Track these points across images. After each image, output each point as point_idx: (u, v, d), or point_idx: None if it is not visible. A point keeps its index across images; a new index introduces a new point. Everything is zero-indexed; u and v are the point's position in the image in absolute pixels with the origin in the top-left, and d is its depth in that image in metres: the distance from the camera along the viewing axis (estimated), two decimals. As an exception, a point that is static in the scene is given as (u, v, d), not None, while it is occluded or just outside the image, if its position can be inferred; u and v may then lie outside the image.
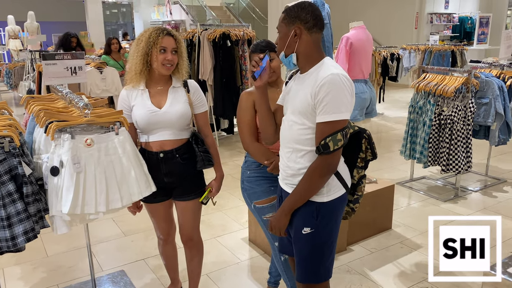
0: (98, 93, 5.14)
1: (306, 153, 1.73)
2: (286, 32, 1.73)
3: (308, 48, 1.72)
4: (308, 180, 1.71)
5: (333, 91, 1.60)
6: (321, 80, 1.62)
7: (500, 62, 5.23)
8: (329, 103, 1.61)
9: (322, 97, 1.61)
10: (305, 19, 1.69)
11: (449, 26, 13.04)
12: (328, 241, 1.81)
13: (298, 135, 1.74)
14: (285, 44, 1.73)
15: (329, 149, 1.63)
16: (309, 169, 1.71)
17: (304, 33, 1.70)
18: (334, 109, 1.61)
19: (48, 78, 3.06)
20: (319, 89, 1.62)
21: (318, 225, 1.76)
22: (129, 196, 2.09)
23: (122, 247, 3.37)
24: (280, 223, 1.81)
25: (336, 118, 1.62)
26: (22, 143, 1.99)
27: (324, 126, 1.64)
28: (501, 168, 5.16)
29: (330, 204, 1.76)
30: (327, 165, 1.68)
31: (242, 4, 14.24)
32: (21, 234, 1.91)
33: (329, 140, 1.62)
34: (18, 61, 9.43)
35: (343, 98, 1.62)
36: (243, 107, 2.21)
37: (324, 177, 1.70)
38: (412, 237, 3.45)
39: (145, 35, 2.09)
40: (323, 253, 1.80)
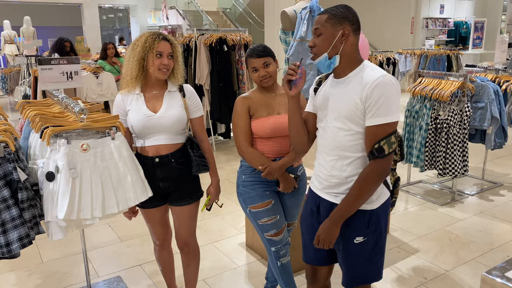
0: (94, 98, 5.13)
1: (354, 159, 1.69)
2: (332, 33, 1.66)
3: (352, 51, 1.69)
4: (362, 186, 1.66)
5: (386, 92, 1.58)
6: (372, 82, 1.59)
7: (495, 67, 5.26)
8: (382, 105, 1.57)
9: (376, 99, 1.58)
10: (353, 20, 1.67)
11: (444, 31, 13.12)
12: (379, 245, 1.79)
13: (345, 142, 1.69)
14: (330, 45, 1.66)
15: (384, 153, 1.60)
16: (362, 175, 1.66)
17: (351, 34, 1.67)
18: (388, 111, 1.58)
19: (43, 83, 3.06)
20: (371, 91, 1.58)
21: (370, 233, 1.74)
22: (125, 201, 2.08)
23: (118, 253, 3.34)
24: (330, 235, 1.73)
25: (390, 120, 1.59)
26: (17, 148, 1.97)
27: (377, 129, 1.60)
28: (497, 172, 5.18)
29: (379, 210, 1.74)
30: (382, 169, 1.64)
31: (238, 9, 14.27)
32: (16, 240, 1.89)
33: (383, 143, 1.59)
34: (14, 66, 9.42)
35: (395, 100, 1.60)
36: (238, 112, 2.21)
37: (378, 183, 1.66)
38: (409, 241, 3.44)
39: (141, 40, 2.08)
40: (374, 258, 1.79)
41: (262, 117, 2.19)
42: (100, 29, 14.49)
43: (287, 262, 2.32)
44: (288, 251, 2.33)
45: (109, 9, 17.33)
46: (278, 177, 2.18)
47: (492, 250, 3.29)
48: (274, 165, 2.15)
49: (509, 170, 5.27)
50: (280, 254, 2.28)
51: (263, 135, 2.19)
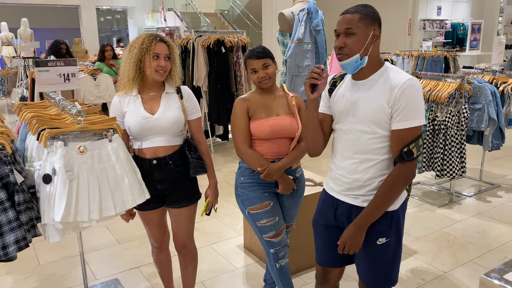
0: (91, 99, 5.12)
1: (377, 162, 1.69)
2: (365, 33, 1.63)
3: (378, 52, 1.70)
4: (390, 191, 1.66)
5: (415, 96, 1.58)
6: (401, 85, 1.58)
7: (492, 68, 5.28)
8: (411, 108, 1.57)
9: (405, 103, 1.57)
10: (380, 22, 1.67)
11: (441, 33, 13.15)
12: (400, 245, 1.81)
13: (369, 145, 1.68)
14: (363, 46, 1.63)
15: (413, 156, 1.60)
16: (389, 180, 1.66)
17: (379, 36, 1.67)
18: (416, 115, 1.59)
19: (41, 85, 3.05)
20: (400, 95, 1.58)
21: (392, 234, 1.75)
22: (122, 204, 2.07)
23: (116, 255, 3.33)
24: (356, 239, 1.72)
25: (418, 124, 1.60)
26: (14, 151, 1.96)
27: (405, 133, 1.60)
28: (494, 173, 5.19)
29: (399, 210, 1.75)
30: (410, 172, 1.64)
31: (236, 11, 14.29)
32: (13, 243, 1.88)
33: (412, 146, 1.59)
34: (11, 68, 9.39)
35: (421, 103, 1.61)
36: (237, 114, 2.20)
37: (405, 186, 1.68)
38: (408, 243, 3.44)
39: (138, 42, 2.08)
40: (396, 258, 1.82)
41: (261, 118, 2.18)
42: (97, 31, 14.48)
43: (285, 264, 2.32)
44: (287, 253, 2.33)
45: (106, 11, 17.34)
46: (277, 178, 2.18)
47: (490, 251, 3.30)
48: (273, 166, 2.15)
49: (507, 171, 5.28)
50: (279, 256, 2.27)
51: (262, 136, 2.18)
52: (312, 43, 3.91)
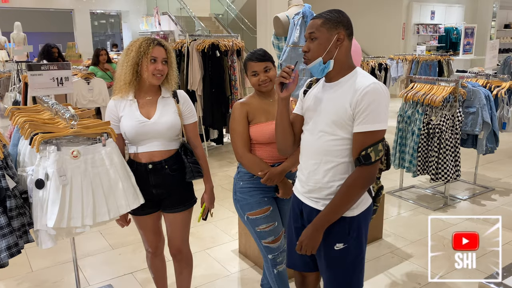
0: (85, 104, 5.08)
1: (337, 165, 1.68)
2: (327, 37, 1.65)
3: (346, 55, 1.69)
4: (348, 193, 1.65)
5: (377, 100, 1.58)
6: (363, 88, 1.59)
7: (486, 72, 5.30)
8: (371, 112, 1.57)
9: (365, 106, 1.57)
10: (347, 25, 1.67)
11: (435, 37, 13.25)
12: (360, 253, 1.77)
13: (329, 146, 1.68)
14: (325, 50, 1.65)
15: (370, 160, 1.59)
16: (347, 182, 1.65)
17: (345, 39, 1.67)
18: (377, 119, 1.58)
19: (34, 89, 3.02)
20: (362, 98, 1.58)
21: (351, 240, 1.72)
22: (116, 209, 2.05)
23: (110, 261, 3.30)
24: (313, 241, 1.72)
25: (378, 128, 1.59)
26: (6, 156, 1.94)
27: (365, 136, 1.60)
28: (489, 177, 5.21)
29: (360, 217, 1.72)
30: (368, 176, 1.63)
31: (231, 15, 14.30)
32: (4, 249, 1.85)
33: (370, 150, 1.59)
34: (4, 72, 9.31)
35: (384, 108, 1.60)
36: (236, 118, 2.18)
37: (363, 190, 1.66)
38: (402, 247, 3.44)
39: (135, 45, 2.06)
40: (355, 266, 1.77)
41: (261, 122, 2.17)
42: (91, 34, 14.43)
43: (283, 269, 2.30)
44: (285, 259, 2.31)
45: (100, 15, 17.28)
46: (278, 182, 2.16)
47: (485, 255, 3.30)
48: (274, 170, 2.14)
49: (501, 174, 5.30)
50: (277, 262, 2.26)
51: (262, 140, 2.17)
52: (307, 47, 3.91)
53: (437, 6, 13.04)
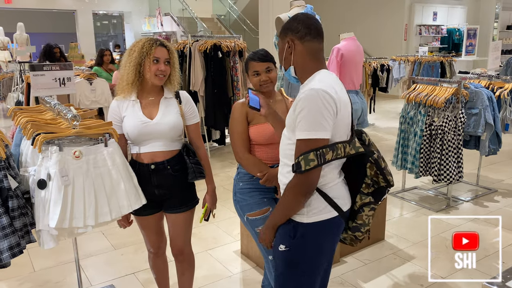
0: (87, 104, 5.09)
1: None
2: (282, 46, 1.70)
3: (303, 59, 1.67)
4: (285, 197, 1.64)
5: (308, 107, 1.51)
6: (300, 94, 1.57)
7: (488, 73, 5.29)
8: (303, 120, 1.52)
9: (298, 113, 1.54)
10: (296, 29, 1.65)
11: (437, 38, 13.22)
12: (304, 263, 1.69)
13: (286, 150, 1.68)
14: (282, 58, 1.71)
15: (300, 169, 1.52)
16: (286, 186, 1.64)
17: (297, 43, 1.66)
18: (307, 127, 1.52)
19: (36, 89, 3.03)
20: (296, 104, 1.56)
21: (294, 245, 1.66)
22: (118, 209, 2.05)
23: (112, 261, 3.30)
24: (265, 236, 1.77)
25: (309, 137, 1.52)
26: (8, 156, 1.94)
27: (299, 144, 1.55)
28: (491, 178, 5.19)
29: (311, 226, 1.64)
30: (301, 184, 1.57)
31: (233, 16, 14.31)
32: (6, 249, 1.85)
33: (301, 159, 1.52)
34: (6, 73, 9.34)
35: (318, 116, 1.51)
36: (236, 118, 2.19)
37: (299, 196, 1.59)
38: (405, 248, 3.43)
39: (138, 45, 2.07)
40: (296, 274, 1.70)
41: (261, 123, 2.17)
42: (94, 35, 14.46)
43: None
44: None
45: (103, 16, 17.33)
46: (276, 184, 2.16)
47: (488, 256, 3.29)
48: (273, 171, 2.13)
49: (503, 176, 5.29)
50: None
51: (261, 141, 2.17)
52: (309, 47, 3.91)
53: (439, 7, 13.02)
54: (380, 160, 1.71)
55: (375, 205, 1.74)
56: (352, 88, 4.46)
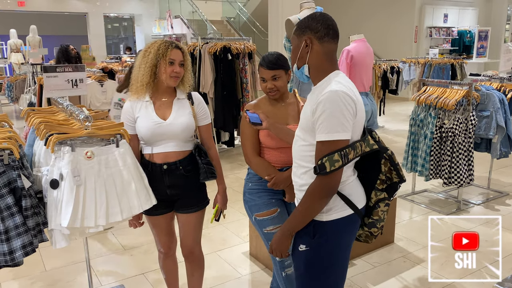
0: (98, 105, 5.13)
1: (308, 170, 1.66)
2: (297, 44, 1.69)
3: (319, 60, 1.66)
4: (307, 201, 1.62)
5: (330, 109, 1.52)
6: (320, 96, 1.56)
7: (500, 75, 5.24)
8: (325, 122, 1.53)
9: (319, 115, 1.54)
10: (316, 29, 1.64)
11: (448, 40, 13.12)
12: (325, 262, 1.70)
13: (301, 151, 1.68)
14: (296, 56, 1.69)
15: (325, 170, 1.53)
16: (307, 190, 1.63)
17: (315, 43, 1.64)
18: (330, 129, 1.53)
19: (49, 91, 3.07)
20: (317, 107, 1.55)
21: (314, 244, 1.67)
22: (129, 209, 2.07)
23: (122, 261, 3.33)
24: (281, 245, 1.73)
25: (332, 138, 1.54)
26: (21, 156, 1.97)
27: (321, 145, 1.56)
28: (503, 181, 5.14)
29: (330, 224, 1.66)
30: (325, 186, 1.58)
31: (242, 18, 14.34)
32: (19, 248, 1.88)
33: (325, 160, 1.53)
34: (19, 75, 9.47)
35: (340, 117, 1.53)
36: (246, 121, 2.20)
37: (323, 198, 1.60)
38: (414, 251, 3.41)
39: (154, 47, 2.09)
40: (318, 273, 1.71)
41: None
42: (105, 38, 14.60)
43: (292, 273, 2.29)
44: (293, 262, 2.30)
45: (114, 18, 17.49)
46: (284, 187, 2.16)
47: (498, 260, 3.25)
48: (280, 176, 2.13)
49: (515, 179, 5.23)
50: (285, 265, 2.25)
51: (271, 145, 2.17)
52: (319, 50, 3.91)
53: (450, 9, 12.93)
54: (393, 156, 1.76)
55: (388, 200, 1.78)
56: (362, 90, 4.45)
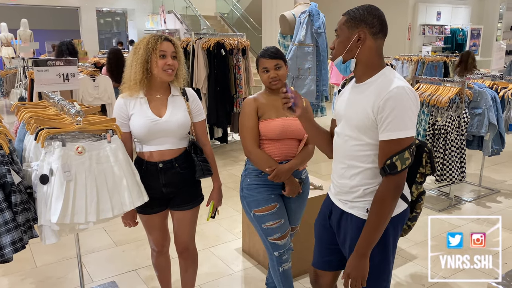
0: (90, 100, 5.09)
1: (363, 170, 1.62)
2: (348, 36, 1.60)
3: (371, 55, 1.60)
4: (380, 208, 1.56)
5: (400, 106, 1.48)
6: (386, 93, 1.49)
7: (492, 73, 5.27)
8: (395, 119, 1.48)
9: (388, 113, 1.48)
10: (372, 23, 1.57)
11: (441, 38, 13.19)
12: (384, 261, 1.69)
13: (354, 151, 1.63)
14: (345, 48, 1.61)
15: (396, 169, 1.50)
16: (377, 197, 1.57)
17: (369, 38, 1.58)
18: (401, 126, 1.49)
19: (40, 85, 3.03)
20: (384, 104, 1.49)
21: (378, 244, 1.64)
22: (120, 206, 2.04)
23: (113, 258, 3.30)
24: (362, 270, 1.61)
25: (403, 136, 1.50)
26: (11, 151, 1.94)
27: (390, 144, 1.51)
28: (494, 179, 5.18)
29: (391, 222, 1.63)
30: (396, 186, 1.54)
31: (236, 14, 14.28)
32: (9, 244, 1.85)
33: (396, 159, 1.50)
34: (10, 69, 9.37)
35: (410, 113, 1.50)
36: (246, 113, 2.20)
37: (394, 201, 1.56)
38: (407, 248, 3.42)
39: (143, 43, 2.05)
40: (379, 272, 1.70)
41: (271, 118, 2.18)
42: (97, 32, 14.46)
43: (288, 268, 2.30)
44: (290, 257, 2.31)
45: (106, 13, 17.33)
46: (284, 180, 2.16)
47: (489, 256, 3.27)
48: (282, 167, 2.13)
49: (506, 176, 5.27)
50: (282, 259, 2.25)
51: (271, 136, 2.17)
52: (314, 45, 3.90)
53: (443, 7, 12.98)
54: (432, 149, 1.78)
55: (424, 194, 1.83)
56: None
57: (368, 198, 1.64)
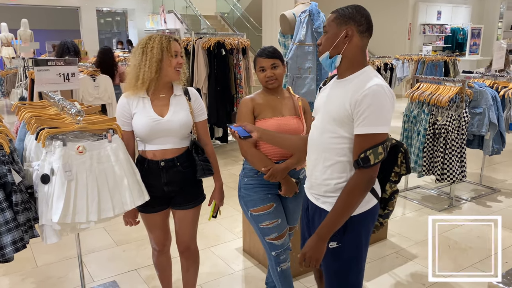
0: (90, 100, 5.08)
1: (335, 163, 1.65)
2: (336, 32, 1.64)
3: (356, 53, 1.65)
4: (348, 198, 1.60)
5: (377, 103, 1.53)
6: (365, 89, 1.54)
7: (491, 73, 5.27)
8: (371, 115, 1.53)
9: (365, 108, 1.53)
10: (360, 22, 1.63)
11: (441, 37, 13.18)
12: (356, 255, 1.73)
13: (329, 144, 1.66)
14: (332, 44, 1.65)
15: (369, 163, 1.55)
16: (347, 187, 1.61)
17: (356, 35, 1.63)
18: (376, 122, 1.54)
19: (40, 84, 3.03)
20: (362, 99, 1.54)
21: (346, 241, 1.68)
22: (121, 205, 2.05)
23: (114, 257, 3.31)
24: (318, 251, 1.66)
25: (378, 131, 1.55)
26: (12, 150, 1.94)
27: (364, 139, 1.56)
28: (494, 178, 5.17)
29: (359, 217, 1.67)
30: (368, 179, 1.59)
31: (236, 13, 14.28)
32: (10, 244, 1.85)
33: (369, 153, 1.55)
34: (10, 69, 9.36)
35: (385, 111, 1.56)
36: (243, 113, 2.20)
37: (364, 193, 1.61)
38: (407, 247, 3.42)
39: (156, 42, 2.04)
40: (350, 268, 1.73)
41: (267, 118, 2.19)
42: (97, 32, 14.47)
43: (287, 268, 2.30)
44: (289, 257, 2.31)
45: (107, 13, 17.34)
46: (280, 179, 2.16)
47: (491, 256, 3.28)
48: (277, 167, 2.13)
49: (507, 176, 5.27)
50: (280, 259, 2.25)
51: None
52: (314, 45, 3.91)
53: (443, 6, 12.97)
54: (407, 150, 1.82)
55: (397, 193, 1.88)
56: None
57: (339, 193, 1.67)
